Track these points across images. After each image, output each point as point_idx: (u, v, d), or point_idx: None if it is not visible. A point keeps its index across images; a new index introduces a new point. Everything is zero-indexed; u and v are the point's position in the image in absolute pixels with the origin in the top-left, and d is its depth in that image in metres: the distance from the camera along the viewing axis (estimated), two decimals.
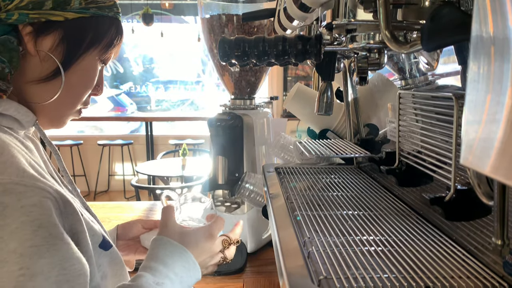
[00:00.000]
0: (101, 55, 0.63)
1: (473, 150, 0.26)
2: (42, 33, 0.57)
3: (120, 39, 0.66)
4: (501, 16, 0.23)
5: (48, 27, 0.57)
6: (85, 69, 0.62)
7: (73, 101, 0.63)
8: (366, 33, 0.61)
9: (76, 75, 0.61)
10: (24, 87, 0.59)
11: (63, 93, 0.60)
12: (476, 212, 0.55)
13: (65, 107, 0.64)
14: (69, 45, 0.59)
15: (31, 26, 0.56)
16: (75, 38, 0.59)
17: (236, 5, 1.30)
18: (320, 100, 0.74)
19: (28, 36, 0.57)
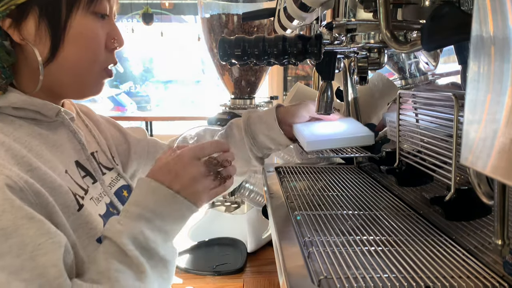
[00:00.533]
0: (90, 9, 0.59)
1: (473, 150, 0.26)
2: (21, 19, 0.56)
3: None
4: (501, 16, 0.23)
5: (23, 11, 0.55)
6: (79, 32, 0.58)
7: (88, 67, 0.61)
8: (366, 33, 0.61)
9: (73, 42, 0.58)
10: (36, 75, 0.58)
11: (74, 63, 0.59)
12: (476, 212, 0.55)
13: (85, 76, 0.62)
14: (49, 18, 0.56)
15: (9, 18, 0.55)
16: (51, 9, 0.56)
17: (236, 4, 1.30)
18: (320, 99, 0.74)
19: (10, 29, 0.56)
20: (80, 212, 0.56)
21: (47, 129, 0.61)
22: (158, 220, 0.56)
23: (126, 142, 0.85)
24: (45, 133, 0.59)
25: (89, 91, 0.65)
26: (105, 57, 0.63)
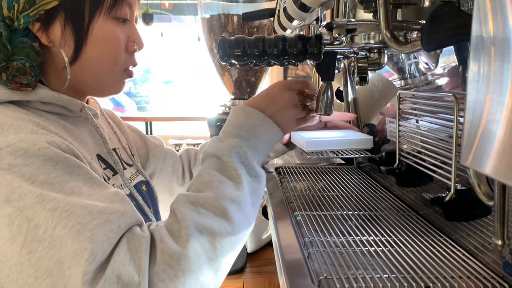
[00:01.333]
0: (111, 14, 0.63)
1: (473, 150, 0.26)
2: (49, 24, 0.61)
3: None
4: (501, 16, 0.23)
5: (51, 16, 0.60)
6: (100, 35, 0.63)
7: (109, 68, 0.65)
8: (366, 33, 0.61)
9: (95, 44, 0.63)
10: (62, 75, 0.63)
11: (95, 64, 0.64)
12: (476, 212, 0.55)
13: (106, 76, 0.66)
14: (73, 22, 0.61)
15: (38, 22, 0.60)
16: (75, 14, 0.61)
17: (236, 5, 1.30)
18: (320, 100, 0.74)
19: (39, 32, 0.61)
20: None
21: (71, 123, 0.64)
22: (253, 139, 0.63)
23: (145, 146, 0.91)
24: (70, 127, 0.63)
25: (110, 90, 0.69)
26: (125, 59, 0.67)
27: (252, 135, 0.63)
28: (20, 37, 0.60)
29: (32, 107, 0.60)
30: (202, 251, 0.49)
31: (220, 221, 0.52)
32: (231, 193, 0.56)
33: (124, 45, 0.66)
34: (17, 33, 0.60)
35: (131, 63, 0.69)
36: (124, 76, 0.69)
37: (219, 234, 0.51)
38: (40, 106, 0.61)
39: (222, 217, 0.53)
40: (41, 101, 0.60)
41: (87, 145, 0.65)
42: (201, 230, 0.50)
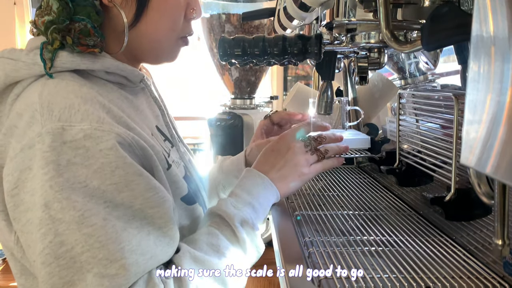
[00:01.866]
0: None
1: (473, 150, 0.26)
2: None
3: None
4: (501, 16, 0.23)
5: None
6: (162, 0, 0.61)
7: (167, 34, 0.64)
8: (366, 33, 0.61)
9: (156, 9, 0.61)
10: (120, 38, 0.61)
11: (154, 29, 0.62)
12: (476, 212, 0.55)
13: (164, 42, 0.65)
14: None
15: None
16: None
17: (236, 4, 1.30)
18: (320, 99, 0.74)
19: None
20: (169, 171, 0.60)
21: (131, 93, 0.64)
22: (261, 213, 0.64)
23: None
24: (130, 97, 0.63)
25: (165, 57, 0.68)
26: (183, 27, 0.66)
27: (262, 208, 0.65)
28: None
29: (95, 75, 0.59)
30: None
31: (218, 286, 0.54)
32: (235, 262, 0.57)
33: (184, 11, 0.65)
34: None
35: (188, 30, 0.67)
36: (180, 43, 0.68)
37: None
38: (103, 75, 0.60)
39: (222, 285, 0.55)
40: (105, 70, 0.59)
41: (146, 116, 0.65)
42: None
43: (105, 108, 0.54)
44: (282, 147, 0.71)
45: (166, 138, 0.68)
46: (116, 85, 0.61)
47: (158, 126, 0.68)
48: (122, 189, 0.49)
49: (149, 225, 0.51)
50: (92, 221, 0.47)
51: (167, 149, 0.65)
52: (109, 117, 0.53)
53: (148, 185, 0.52)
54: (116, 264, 0.46)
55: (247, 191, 0.65)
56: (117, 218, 0.49)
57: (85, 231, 0.46)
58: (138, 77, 0.63)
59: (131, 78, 0.63)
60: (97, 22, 0.58)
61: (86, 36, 0.56)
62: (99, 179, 0.48)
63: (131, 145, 0.52)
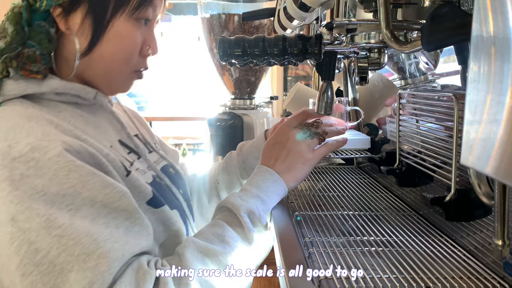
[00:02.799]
0: (133, 15, 0.63)
1: (473, 150, 0.26)
2: (70, 11, 0.60)
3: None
4: (501, 16, 0.23)
5: (74, 4, 0.60)
6: (118, 34, 0.62)
7: (120, 67, 0.65)
8: (366, 33, 0.61)
9: (111, 42, 0.62)
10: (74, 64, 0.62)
11: (108, 60, 0.64)
12: (476, 212, 0.55)
13: (116, 74, 0.66)
14: (95, 16, 0.61)
15: (60, 7, 0.60)
16: (98, 8, 0.61)
17: (236, 4, 1.30)
18: (320, 100, 0.74)
19: (59, 17, 0.60)
20: (128, 177, 0.61)
21: (88, 111, 0.65)
22: (270, 205, 0.67)
23: (162, 148, 0.91)
24: (86, 115, 0.64)
25: (117, 88, 0.69)
26: (138, 61, 0.67)
27: (271, 201, 0.67)
28: (38, 19, 0.60)
29: (46, 98, 0.60)
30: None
31: (223, 277, 0.55)
32: (240, 251, 0.58)
33: (139, 47, 0.66)
34: (36, 14, 0.60)
35: (143, 66, 0.69)
36: (134, 77, 0.69)
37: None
38: (54, 97, 0.60)
39: (227, 276, 0.55)
40: (54, 92, 0.60)
41: (106, 131, 0.66)
42: (203, 283, 0.52)
43: (53, 124, 0.55)
44: (282, 138, 0.72)
45: (131, 150, 0.69)
46: (71, 105, 0.62)
47: (122, 140, 0.69)
48: (80, 190, 0.50)
49: (115, 219, 0.52)
50: (59, 222, 0.47)
51: (130, 160, 0.66)
52: (56, 130, 0.54)
53: (104, 182, 0.52)
54: (93, 255, 0.47)
55: (256, 185, 0.67)
56: (82, 218, 0.49)
57: (55, 233, 0.47)
58: (91, 93, 0.64)
59: (83, 96, 0.63)
60: (47, 49, 0.60)
61: (32, 62, 0.58)
62: (56, 185, 0.49)
63: (79, 151, 0.53)
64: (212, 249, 0.56)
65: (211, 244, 0.57)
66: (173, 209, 0.67)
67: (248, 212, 0.62)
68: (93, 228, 0.49)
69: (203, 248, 0.55)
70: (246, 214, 0.61)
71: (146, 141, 0.78)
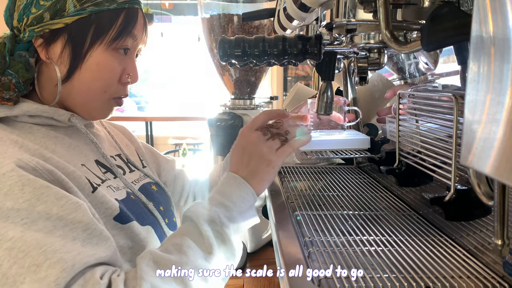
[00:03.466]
0: (111, 46, 0.65)
1: (473, 150, 0.26)
2: (51, 42, 0.63)
3: (134, 25, 0.66)
4: (501, 16, 0.23)
5: (54, 35, 0.63)
6: (96, 63, 0.64)
7: (98, 94, 0.67)
8: (366, 33, 0.61)
9: (89, 71, 0.64)
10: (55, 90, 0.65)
11: (86, 88, 0.65)
12: (476, 212, 0.55)
13: (94, 101, 0.67)
14: (73, 46, 0.63)
15: (42, 38, 0.63)
16: (77, 39, 0.63)
17: (236, 5, 1.30)
18: (320, 100, 0.74)
19: (40, 47, 0.63)
20: (94, 193, 0.61)
21: (64, 133, 0.66)
22: (236, 211, 0.62)
23: (156, 161, 0.94)
24: (61, 136, 0.65)
25: (96, 115, 0.70)
26: (117, 89, 0.69)
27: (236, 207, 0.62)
28: (20, 49, 0.63)
29: (20, 121, 0.62)
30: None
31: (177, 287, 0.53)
32: (198, 261, 0.56)
33: (118, 76, 0.68)
34: (19, 44, 0.63)
35: (122, 93, 0.70)
36: (113, 103, 0.70)
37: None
38: (27, 120, 0.62)
39: (180, 285, 0.53)
40: (27, 114, 0.62)
41: (82, 152, 0.67)
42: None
43: (17, 144, 0.57)
44: (243, 143, 0.70)
45: (107, 169, 0.70)
46: (46, 127, 0.64)
47: (98, 160, 0.70)
48: (35, 204, 0.51)
49: (72, 231, 0.52)
50: (9, 235, 0.48)
51: (104, 178, 0.67)
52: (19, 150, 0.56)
53: (58, 194, 0.53)
54: (43, 267, 0.47)
55: (220, 192, 0.64)
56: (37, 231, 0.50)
57: (6, 246, 0.48)
58: (65, 116, 0.66)
59: (57, 118, 0.65)
60: (23, 78, 0.62)
61: (5, 89, 0.61)
62: (11, 200, 0.50)
63: (35, 168, 0.54)
64: (167, 259, 0.54)
65: (167, 254, 0.55)
66: (145, 225, 0.67)
67: (209, 221, 0.59)
68: (45, 240, 0.49)
69: (158, 258, 0.54)
70: (206, 222, 0.58)
71: (128, 160, 0.79)
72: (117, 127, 0.89)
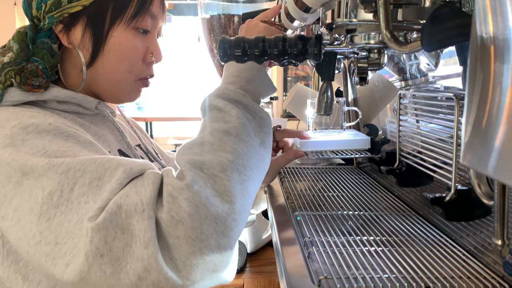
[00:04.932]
0: (131, 24, 0.64)
1: (473, 150, 0.26)
2: (71, 26, 0.63)
3: (151, 1, 0.66)
4: (501, 16, 0.23)
5: (74, 19, 0.63)
6: (118, 43, 0.64)
7: (124, 76, 0.67)
8: (366, 33, 0.61)
9: (112, 52, 0.64)
10: (80, 76, 0.66)
11: (111, 70, 0.65)
12: (476, 212, 0.55)
13: (121, 83, 0.68)
14: (93, 28, 0.63)
15: (61, 23, 0.63)
16: (96, 20, 0.63)
17: (236, 5, 1.30)
18: (320, 100, 0.74)
19: (61, 33, 0.63)
20: None
21: (89, 121, 0.66)
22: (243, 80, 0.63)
23: (162, 155, 0.93)
24: (87, 124, 0.65)
25: (124, 97, 0.71)
26: (142, 69, 0.68)
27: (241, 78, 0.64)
28: (42, 37, 0.63)
29: (49, 107, 0.62)
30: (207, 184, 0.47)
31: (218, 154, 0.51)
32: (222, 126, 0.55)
33: (142, 55, 0.67)
34: (41, 33, 0.63)
35: (148, 73, 0.70)
36: (139, 85, 0.70)
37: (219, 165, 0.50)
38: (56, 106, 0.63)
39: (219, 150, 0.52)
40: (56, 100, 0.62)
41: (106, 141, 0.67)
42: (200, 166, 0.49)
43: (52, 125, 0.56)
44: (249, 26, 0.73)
45: None
46: (72, 114, 0.64)
47: (122, 150, 0.70)
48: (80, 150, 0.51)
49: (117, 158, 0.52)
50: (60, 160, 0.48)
51: None
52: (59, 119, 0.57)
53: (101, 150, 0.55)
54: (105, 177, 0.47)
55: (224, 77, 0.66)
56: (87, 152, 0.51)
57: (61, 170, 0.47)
58: (92, 103, 0.66)
59: (85, 105, 0.65)
60: (49, 63, 0.62)
61: (34, 76, 0.61)
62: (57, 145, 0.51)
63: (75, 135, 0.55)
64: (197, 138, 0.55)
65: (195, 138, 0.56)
66: None
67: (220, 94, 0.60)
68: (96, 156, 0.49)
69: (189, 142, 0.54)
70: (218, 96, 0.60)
71: (148, 150, 0.79)
72: (129, 119, 0.89)
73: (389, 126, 0.86)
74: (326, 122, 1.09)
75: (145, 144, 0.80)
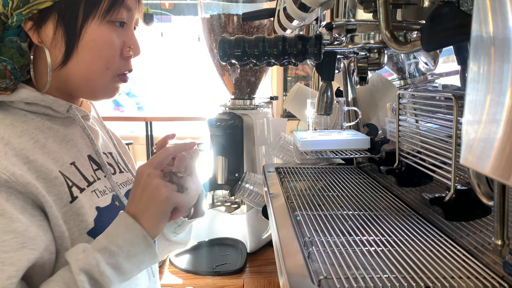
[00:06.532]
0: (106, 18, 0.61)
1: (473, 150, 0.26)
2: (42, 23, 0.59)
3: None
4: (501, 16, 0.23)
5: (44, 16, 0.59)
6: (92, 39, 0.61)
7: (100, 73, 0.63)
8: (366, 33, 0.61)
9: (87, 49, 0.61)
10: (54, 75, 0.62)
11: (86, 68, 0.62)
12: (476, 212, 0.55)
13: (97, 81, 0.64)
14: (66, 24, 0.59)
15: (31, 20, 0.59)
16: (68, 16, 0.59)
17: (236, 5, 1.30)
18: (320, 100, 0.74)
19: (31, 30, 0.60)
20: (72, 204, 0.59)
21: (61, 124, 0.64)
22: (122, 257, 0.55)
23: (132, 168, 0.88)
24: (56, 128, 0.63)
25: (102, 94, 0.67)
26: (119, 64, 0.65)
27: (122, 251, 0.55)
28: (10, 35, 0.59)
29: (16, 107, 0.60)
30: None
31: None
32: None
33: (119, 50, 0.64)
34: (9, 31, 0.59)
35: (126, 68, 0.67)
36: (117, 80, 0.66)
37: None
38: (24, 107, 0.60)
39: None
40: (24, 101, 0.60)
41: (76, 145, 0.65)
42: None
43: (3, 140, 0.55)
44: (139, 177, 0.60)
45: (100, 167, 0.68)
46: (42, 116, 0.62)
47: (92, 155, 0.67)
48: None
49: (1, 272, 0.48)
50: None
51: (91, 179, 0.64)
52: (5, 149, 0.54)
53: (7, 227, 0.50)
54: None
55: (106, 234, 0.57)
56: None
57: None
58: (63, 106, 0.63)
59: (55, 108, 0.62)
60: (19, 63, 0.59)
61: (1, 77, 0.58)
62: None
63: (8, 181, 0.52)
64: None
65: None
66: None
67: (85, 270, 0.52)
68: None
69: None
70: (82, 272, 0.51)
71: (119, 160, 0.76)
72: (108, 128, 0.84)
73: (388, 126, 0.86)
74: (326, 122, 1.09)
75: (119, 151, 0.77)
